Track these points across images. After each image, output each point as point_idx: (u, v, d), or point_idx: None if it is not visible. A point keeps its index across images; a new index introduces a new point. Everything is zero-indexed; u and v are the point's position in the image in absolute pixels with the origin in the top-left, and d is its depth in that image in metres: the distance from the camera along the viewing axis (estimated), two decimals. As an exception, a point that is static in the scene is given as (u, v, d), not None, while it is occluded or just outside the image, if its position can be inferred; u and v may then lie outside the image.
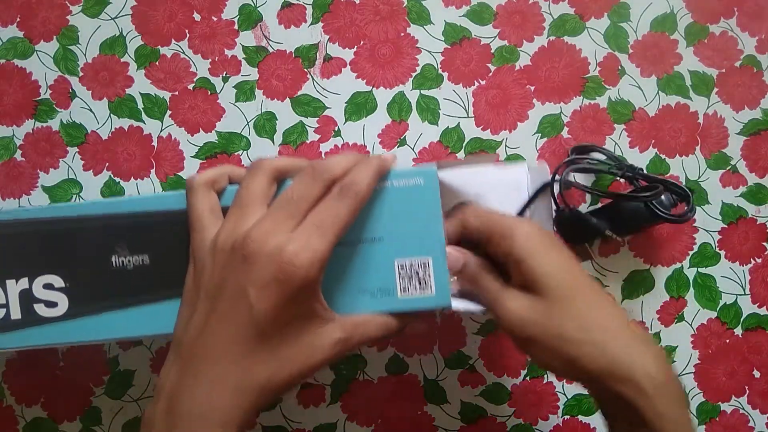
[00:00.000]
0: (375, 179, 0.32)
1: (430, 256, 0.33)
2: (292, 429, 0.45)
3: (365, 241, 0.33)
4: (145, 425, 0.31)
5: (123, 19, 0.45)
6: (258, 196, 0.32)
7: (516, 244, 0.32)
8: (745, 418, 0.45)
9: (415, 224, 0.33)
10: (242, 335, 0.30)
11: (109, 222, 0.35)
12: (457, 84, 0.45)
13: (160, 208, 0.35)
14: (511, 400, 0.45)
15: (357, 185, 0.31)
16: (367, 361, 0.45)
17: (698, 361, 0.44)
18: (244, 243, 0.30)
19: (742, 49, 0.45)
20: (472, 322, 0.44)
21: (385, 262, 0.33)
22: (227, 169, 0.35)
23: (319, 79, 0.45)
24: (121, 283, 0.35)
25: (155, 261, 0.35)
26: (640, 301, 0.44)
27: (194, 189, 0.33)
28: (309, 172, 0.32)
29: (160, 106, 0.45)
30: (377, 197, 0.33)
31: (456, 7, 0.45)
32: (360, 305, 0.33)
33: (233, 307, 0.30)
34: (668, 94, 0.45)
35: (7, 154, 0.44)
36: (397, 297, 0.33)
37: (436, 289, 0.33)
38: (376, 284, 0.33)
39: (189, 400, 0.30)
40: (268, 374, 0.31)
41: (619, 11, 0.45)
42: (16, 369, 0.44)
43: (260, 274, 0.30)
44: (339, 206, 0.31)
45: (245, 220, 0.31)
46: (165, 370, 0.32)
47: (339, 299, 0.33)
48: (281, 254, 0.30)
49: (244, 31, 0.45)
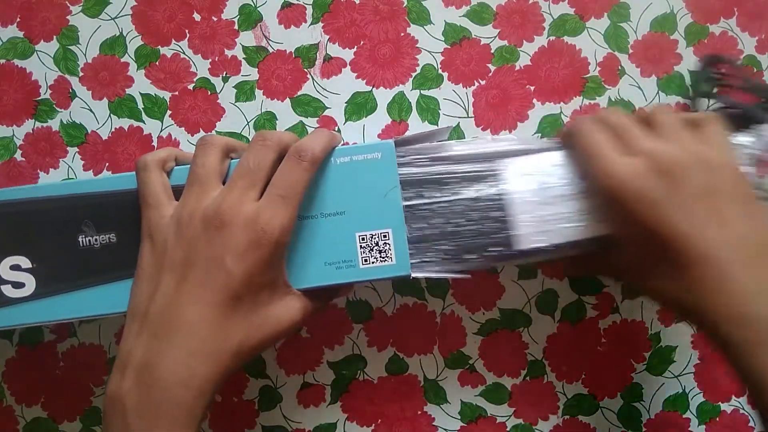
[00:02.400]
0: (327, 145, 0.35)
1: (390, 227, 0.35)
2: (292, 429, 0.45)
3: (327, 215, 0.35)
4: (111, 404, 0.31)
5: (123, 19, 0.45)
6: (214, 171, 0.34)
7: None
8: (745, 418, 0.45)
9: (375, 197, 0.35)
10: (218, 301, 0.31)
11: (74, 202, 0.36)
12: (457, 84, 0.45)
13: (124, 188, 0.36)
14: (511, 400, 0.45)
15: (312, 149, 0.34)
16: (367, 361, 0.45)
17: (698, 361, 0.44)
18: (217, 213, 0.32)
19: (742, 49, 0.45)
20: (472, 322, 0.44)
21: (347, 235, 0.35)
22: (174, 151, 0.36)
23: (319, 79, 0.45)
24: (88, 261, 0.36)
25: (122, 239, 0.36)
26: (640, 301, 0.44)
27: (147, 167, 0.35)
28: (260, 141, 0.34)
29: (160, 106, 0.45)
30: (337, 172, 0.35)
31: (456, 7, 0.45)
32: (323, 277, 0.35)
33: (208, 275, 0.31)
34: (668, 94, 0.45)
35: (7, 154, 0.45)
36: (360, 268, 0.35)
37: (397, 259, 0.35)
38: (339, 256, 0.35)
39: (164, 368, 0.31)
40: (241, 338, 0.32)
41: (619, 11, 0.45)
42: (16, 369, 0.44)
43: (238, 241, 0.31)
44: (297, 171, 0.33)
45: (207, 194, 0.33)
46: (128, 343, 0.32)
47: (303, 271, 0.35)
48: (256, 221, 0.32)
49: (244, 31, 0.45)
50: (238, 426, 0.44)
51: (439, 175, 0.36)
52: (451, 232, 0.36)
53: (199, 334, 0.31)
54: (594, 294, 0.44)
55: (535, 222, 0.36)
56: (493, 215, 0.36)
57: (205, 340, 0.31)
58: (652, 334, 0.44)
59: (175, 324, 0.31)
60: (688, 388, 0.45)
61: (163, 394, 0.30)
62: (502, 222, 0.36)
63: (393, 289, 0.44)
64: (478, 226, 0.36)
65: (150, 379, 0.31)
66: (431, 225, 0.36)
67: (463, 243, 0.36)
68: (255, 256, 0.31)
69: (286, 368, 0.44)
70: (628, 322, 0.44)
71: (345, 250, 0.35)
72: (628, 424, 0.44)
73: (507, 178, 0.36)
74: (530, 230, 0.36)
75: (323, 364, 0.45)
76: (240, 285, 0.31)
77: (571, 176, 0.36)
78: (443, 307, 0.44)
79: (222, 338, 0.32)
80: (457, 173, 0.36)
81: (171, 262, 0.32)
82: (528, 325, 0.44)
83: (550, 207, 0.36)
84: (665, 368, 0.44)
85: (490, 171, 0.36)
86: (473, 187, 0.36)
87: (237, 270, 0.31)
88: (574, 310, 0.44)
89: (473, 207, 0.36)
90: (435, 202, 0.36)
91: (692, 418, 0.45)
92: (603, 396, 0.45)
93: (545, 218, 0.36)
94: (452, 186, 0.36)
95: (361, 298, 0.44)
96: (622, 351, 0.44)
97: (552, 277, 0.44)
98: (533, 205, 0.36)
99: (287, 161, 0.33)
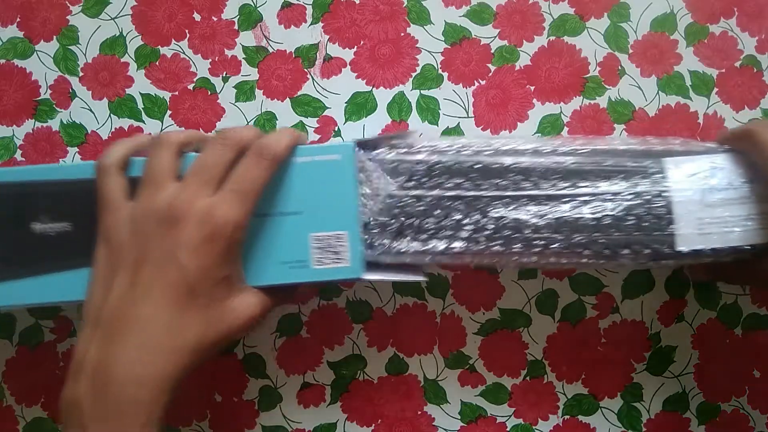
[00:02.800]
0: (290, 144, 0.35)
1: (345, 229, 0.35)
2: (292, 429, 0.45)
3: (284, 214, 0.35)
4: (67, 409, 0.31)
5: (123, 19, 0.45)
6: (166, 170, 0.33)
7: None
8: (745, 418, 0.45)
9: (332, 198, 0.35)
10: (172, 297, 0.31)
11: (30, 189, 0.36)
12: (457, 84, 0.45)
13: (80, 177, 0.36)
14: (511, 400, 0.45)
15: (273, 148, 0.33)
16: (367, 361, 0.45)
17: (698, 361, 0.44)
18: (170, 209, 0.32)
19: (742, 49, 0.45)
20: (472, 322, 0.44)
21: (302, 235, 0.35)
22: (134, 143, 0.36)
23: (319, 79, 0.45)
24: (44, 249, 0.36)
25: (78, 228, 0.36)
26: (640, 301, 0.44)
27: (105, 171, 0.34)
28: (219, 139, 0.34)
29: (160, 106, 0.45)
30: (296, 172, 0.35)
31: (456, 7, 0.45)
32: (277, 275, 0.35)
33: (161, 271, 0.31)
34: (668, 94, 0.45)
35: (7, 154, 0.44)
36: (313, 268, 0.35)
37: (351, 260, 0.35)
38: (294, 256, 0.35)
39: (121, 368, 0.31)
40: (198, 334, 0.32)
41: (619, 11, 0.45)
42: (16, 369, 0.44)
43: (191, 235, 0.31)
44: (256, 168, 0.33)
45: (160, 193, 0.33)
46: (82, 347, 0.32)
47: (258, 269, 0.35)
48: (210, 215, 0.32)
49: (244, 31, 0.45)
50: (238, 426, 0.44)
51: (595, 166, 0.36)
52: (607, 225, 0.35)
53: (153, 331, 0.31)
54: (594, 294, 0.44)
55: (698, 224, 0.35)
56: (656, 213, 0.35)
57: (160, 337, 0.31)
58: (652, 334, 0.44)
59: (129, 322, 0.31)
60: (688, 388, 0.45)
61: (118, 394, 0.30)
62: (665, 220, 0.35)
63: (393, 289, 0.44)
64: (637, 222, 0.35)
65: (105, 380, 0.30)
66: (580, 218, 0.35)
67: (622, 238, 0.35)
68: (209, 251, 0.31)
69: (286, 368, 0.44)
70: (628, 322, 0.44)
71: (299, 250, 0.35)
72: (628, 424, 0.44)
73: (670, 177, 0.36)
74: (692, 231, 0.35)
75: (323, 364, 0.45)
76: (194, 280, 0.31)
77: (736, 180, 0.35)
78: (443, 307, 0.44)
79: (178, 334, 0.31)
80: (618, 167, 0.36)
81: (124, 261, 0.32)
82: (528, 325, 0.44)
83: (713, 210, 0.35)
84: (665, 368, 0.44)
85: (651, 168, 0.36)
86: (632, 182, 0.36)
87: (191, 265, 0.31)
88: (574, 310, 0.44)
89: (634, 202, 0.35)
90: (590, 194, 0.36)
91: (692, 418, 0.44)
92: (603, 396, 0.45)
93: (707, 221, 0.35)
94: (611, 180, 0.36)
95: (361, 298, 0.44)
96: (622, 351, 0.44)
97: (552, 277, 0.44)
98: (696, 207, 0.35)
99: (247, 158, 0.33)
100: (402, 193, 0.37)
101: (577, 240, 0.36)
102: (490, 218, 0.36)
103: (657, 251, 0.35)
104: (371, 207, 0.36)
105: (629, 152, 0.37)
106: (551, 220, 0.36)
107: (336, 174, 0.35)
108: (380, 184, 0.36)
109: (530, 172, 0.36)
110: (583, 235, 0.36)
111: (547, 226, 0.36)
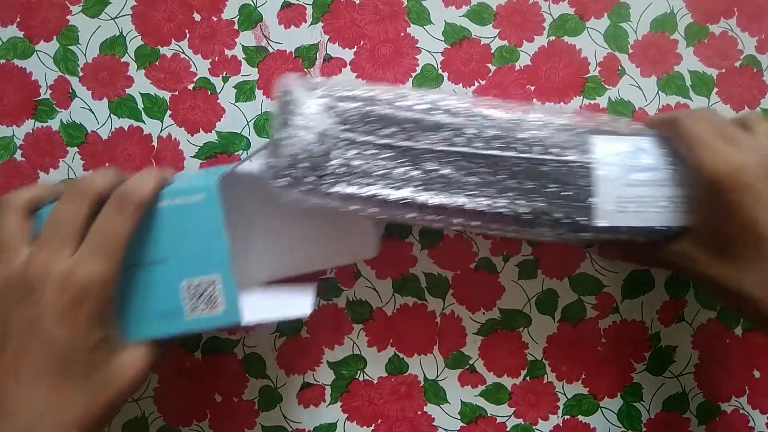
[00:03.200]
0: (154, 188, 0.32)
1: (217, 273, 0.33)
2: (292, 429, 0.45)
3: (151, 263, 0.33)
4: None
5: (123, 19, 0.45)
6: (14, 235, 0.31)
7: None
8: (745, 418, 0.45)
9: (199, 242, 0.33)
10: (45, 372, 0.29)
11: None
12: (457, 84, 0.45)
13: None
14: (511, 400, 0.45)
15: (135, 194, 0.31)
16: (367, 361, 0.45)
17: (698, 361, 0.44)
18: (25, 277, 0.29)
19: (742, 49, 0.45)
20: (472, 322, 0.44)
21: (172, 284, 0.33)
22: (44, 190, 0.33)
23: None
24: None
25: None
26: (640, 301, 0.44)
27: (3, 210, 0.32)
28: (72, 192, 0.31)
29: (160, 106, 0.45)
30: (160, 217, 0.33)
31: (456, 7, 0.45)
32: (151, 329, 0.33)
33: (26, 346, 0.29)
34: (668, 94, 0.45)
35: (7, 154, 0.44)
36: (187, 318, 0.33)
37: (226, 306, 0.33)
38: (166, 306, 0.33)
39: None
40: (86, 406, 0.30)
41: (619, 11, 0.45)
42: (16, 369, 0.44)
43: (53, 302, 0.29)
44: (118, 220, 0.30)
45: (11, 260, 0.30)
46: None
47: (133, 323, 0.33)
48: (71, 278, 0.29)
49: (244, 31, 0.45)
50: (238, 426, 0.44)
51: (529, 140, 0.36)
52: (530, 189, 0.36)
53: (34, 411, 0.28)
54: (594, 294, 0.44)
55: (617, 201, 0.36)
56: (579, 183, 0.36)
57: (43, 416, 0.29)
58: (652, 334, 0.44)
59: (6, 407, 0.29)
60: (688, 388, 0.45)
61: None
62: (587, 193, 0.36)
63: (393, 289, 0.44)
64: (559, 190, 0.36)
65: None
66: (498, 179, 0.36)
67: (543, 204, 0.36)
68: (76, 316, 0.29)
69: (286, 368, 0.44)
70: (628, 322, 0.44)
71: (172, 299, 0.33)
72: (628, 424, 0.44)
73: (597, 153, 0.36)
74: (611, 208, 0.36)
75: (323, 364, 0.45)
76: (66, 350, 0.29)
77: (659, 163, 0.36)
78: (443, 307, 0.44)
79: (63, 409, 0.29)
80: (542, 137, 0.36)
81: None
82: (528, 325, 0.44)
83: (633, 189, 0.36)
84: (665, 368, 0.44)
85: (580, 142, 0.37)
86: (560, 149, 0.36)
87: (58, 335, 0.29)
88: (574, 310, 0.44)
89: (560, 170, 0.36)
90: (516, 157, 0.36)
91: (692, 418, 0.44)
92: (603, 396, 0.45)
93: (627, 199, 0.36)
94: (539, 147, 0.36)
95: (361, 298, 0.44)
96: (622, 351, 0.44)
97: (552, 277, 0.44)
98: (618, 185, 0.36)
99: (107, 209, 0.31)
100: (335, 133, 0.35)
101: (501, 203, 0.36)
102: (421, 170, 0.36)
103: (575, 223, 0.36)
104: (302, 137, 0.35)
105: (566, 126, 0.37)
106: (478, 179, 0.36)
107: (202, 215, 0.33)
108: (314, 118, 0.35)
109: (464, 129, 0.36)
110: (506, 196, 0.36)
111: (474, 183, 0.36)
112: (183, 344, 0.44)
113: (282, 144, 0.35)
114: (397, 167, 0.36)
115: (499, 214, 0.36)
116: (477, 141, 0.36)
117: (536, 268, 0.44)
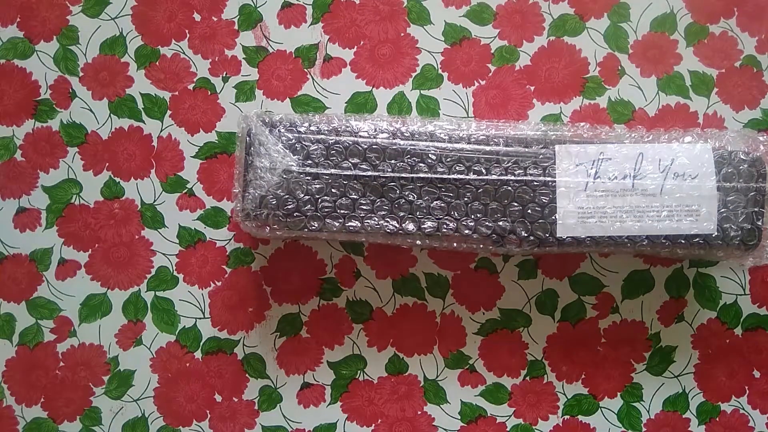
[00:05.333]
0: None
1: None
2: (292, 429, 0.45)
3: None
4: None
5: (123, 19, 0.45)
6: None
7: None
8: (745, 418, 0.45)
9: None
10: None
11: None
12: (457, 84, 0.45)
13: None
14: (511, 400, 0.45)
15: None
16: (367, 361, 0.45)
17: (698, 361, 0.44)
18: None
19: (742, 49, 0.45)
20: (472, 322, 0.44)
21: None
22: None
23: (319, 79, 0.45)
24: None
25: None
26: (640, 301, 0.44)
27: None
28: None
29: (160, 106, 0.45)
30: None
31: (456, 7, 0.45)
32: None
33: None
34: (668, 94, 0.45)
35: (7, 154, 0.45)
36: None
37: None
38: None
39: None
40: None
41: (619, 11, 0.45)
42: (16, 369, 0.44)
43: None
44: None
45: None
46: None
47: None
48: None
49: (244, 31, 0.45)
50: (238, 426, 0.44)
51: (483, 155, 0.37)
52: (494, 209, 0.37)
53: None
54: (594, 294, 0.44)
55: (579, 213, 0.36)
56: (540, 201, 0.37)
57: None
58: (652, 334, 0.44)
59: None
60: (688, 388, 0.45)
61: None
62: (549, 209, 0.37)
63: (393, 289, 0.44)
64: (522, 210, 0.37)
65: None
66: (462, 202, 0.37)
67: (507, 224, 0.37)
68: None
69: (286, 368, 0.44)
70: (628, 322, 0.44)
71: None
72: (628, 424, 0.44)
73: (558, 166, 0.37)
74: (573, 221, 0.36)
75: (323, 364, 0.45)
76: None
77: (622, 171, 0.36)
78: (443, 307, 0.44)
79: None
80: (500, 154, 0.37)
81: None
82: (528, 325, 0.44)
83: (595, 200, 0.36)
84: (665, 368, 0.44)
85: (542, 156, 0.37)
86: (522, 169, 0.37)
87: None
88: (574, 310, 0.44)
89: (521, 190, 0.37)
90: (478, 180, 0.37)
91: (692, 418, 0.45)
92: (603, 396, 0.45)
93: (589, 210, 0.36)
94: (500, 166, 0.37)
95: (361, 298, 0.44)
96: (622, 351, 0.44)
97: (552, 277, 0.44)
98: (579, 197, 0.36)
99: None
100: (299, 170, 0.37)
101: (466, 223, 0.37)
102: (386, 198, 0.37)
103: (540, 238, 0.37)
104: (269, 180, 0.37)
105: (529, 139, 0.38)
106: (443, 204, 0.37)
107: None
108: (278, 158, 0.37)
109: (425, 156, 0.37)
110: (471, 219, 0.37)
111: (439, 209, 0.37)
112: (183, 344, 0.44)
113: (248, 186, 0.37)
114: (362, 197, 0.37)
115: (466, 235, 0.37)
116: (440, 166, 0.37)
117: (536, 268, 0.44)
